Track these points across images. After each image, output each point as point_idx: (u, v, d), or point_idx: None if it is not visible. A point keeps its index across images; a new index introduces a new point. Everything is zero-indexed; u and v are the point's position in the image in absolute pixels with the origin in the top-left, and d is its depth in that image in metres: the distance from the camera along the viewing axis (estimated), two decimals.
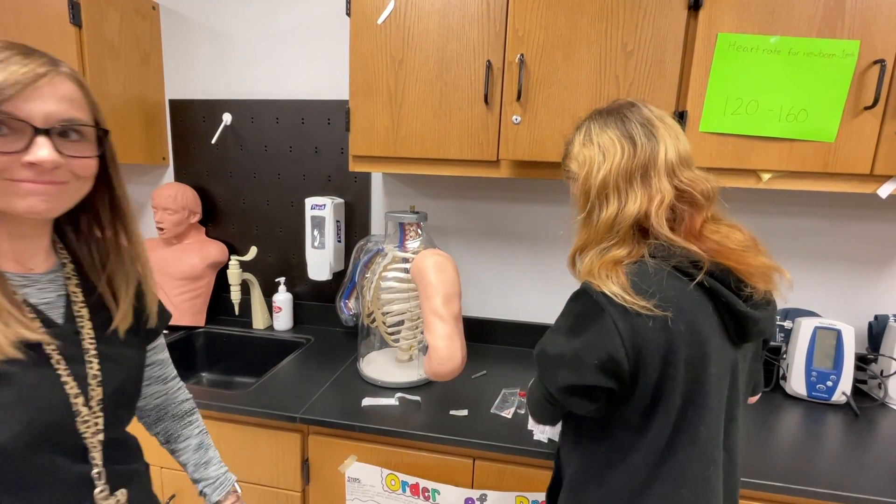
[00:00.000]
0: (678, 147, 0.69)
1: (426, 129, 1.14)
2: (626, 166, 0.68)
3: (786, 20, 0.96)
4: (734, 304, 0.63)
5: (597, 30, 1.02)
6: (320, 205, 1.45)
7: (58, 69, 0.52)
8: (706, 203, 0.68)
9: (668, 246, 0.64)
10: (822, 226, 1.31)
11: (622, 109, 0.72)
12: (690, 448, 0.65)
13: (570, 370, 0.66)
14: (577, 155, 0.74)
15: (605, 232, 0.68)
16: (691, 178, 0.68)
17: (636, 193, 0.67)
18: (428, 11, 1.09)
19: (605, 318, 0.62)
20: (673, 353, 0.62)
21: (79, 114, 0.53)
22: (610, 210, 0.68)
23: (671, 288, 0.62)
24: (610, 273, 0.64)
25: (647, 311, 0.60)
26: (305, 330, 1.59)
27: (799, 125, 0.99)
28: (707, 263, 0.62)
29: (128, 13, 1.43)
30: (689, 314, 0.62)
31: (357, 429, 1.04)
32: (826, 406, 1.20)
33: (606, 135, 0.71)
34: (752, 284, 0.64)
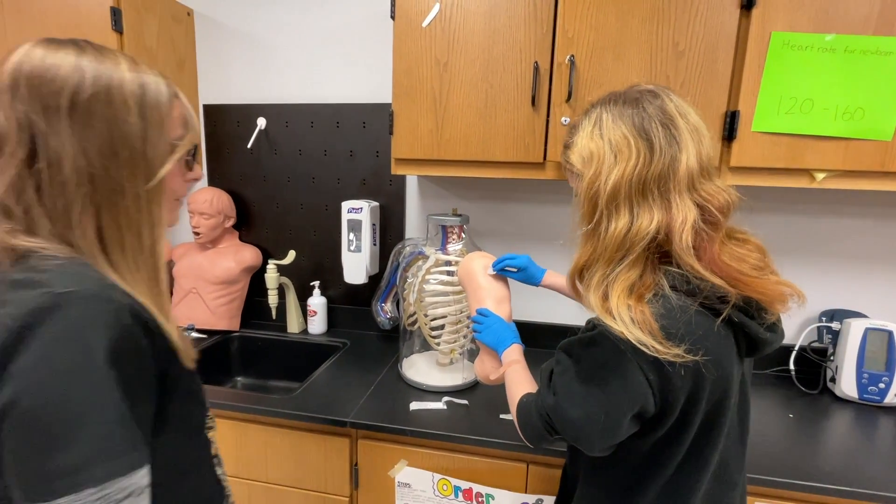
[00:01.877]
0: (700, 152, 0.61)
1: (471, 132, 1.14)
2: (641, 174, 0.60)
3: (841, 18, 0.95)
4: (757, 334, 0.62)
5: (647, 30, 1.01)
6: (357, 208, 1.45)
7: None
8: (723, 220, 0.61)
9: (690, 278, 0.59)
10: (867, 225, 1.30)
11: (641, 100, 0.63)
12: (701, 473, 0.65)
13: (604, 435, 0.61)
14: (581, 148, 0.65)
15: (615, 249, 0.60)
16: (710, 191, 0.61)
17: (652, 209, 0.59)
18: (473, 14, 1.09)
19: (633, 368, 0.57)
20: (697, 395, 0.60)
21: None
22: (620, 224, 0.60)
23: (699, 328, 0.58)
24: (634, 313, 0.57)
25: (678, 358, 0.55)
26: (340, 334, 1.58)
27: (855, 124, 0.98)
28: (734, 298, 0.58)
29: (165, 19, 1.44)
30: (715, 353, 0.59)
31: (408, 433, 1.03)
32: (878, 408, 1.18)
33: (620, 130, 0.61)
34: (770, 311, 0.62)
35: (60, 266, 0.46)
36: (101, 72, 0.49)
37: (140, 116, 0.51)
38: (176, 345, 0.53)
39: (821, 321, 1.31)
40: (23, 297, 0.43)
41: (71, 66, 0.48)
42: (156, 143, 0.53)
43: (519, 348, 0.86)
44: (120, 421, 0.44)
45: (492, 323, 0.91)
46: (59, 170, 0.48)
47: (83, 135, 0.48)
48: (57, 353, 0.42)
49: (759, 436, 1.04)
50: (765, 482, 0.90)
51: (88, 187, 0.49)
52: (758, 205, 1.34)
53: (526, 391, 0.76)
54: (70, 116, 0.48)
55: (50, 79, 0.48)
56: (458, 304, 1.19)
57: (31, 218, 0.48)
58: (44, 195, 0.48)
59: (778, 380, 1.32)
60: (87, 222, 0.49)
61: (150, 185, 0.52)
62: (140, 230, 0.52)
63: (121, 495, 0.42)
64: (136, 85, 0.51)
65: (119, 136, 0.50)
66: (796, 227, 1.33)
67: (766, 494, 0.93)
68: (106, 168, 0.49)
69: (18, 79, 0.48)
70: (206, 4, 1.55)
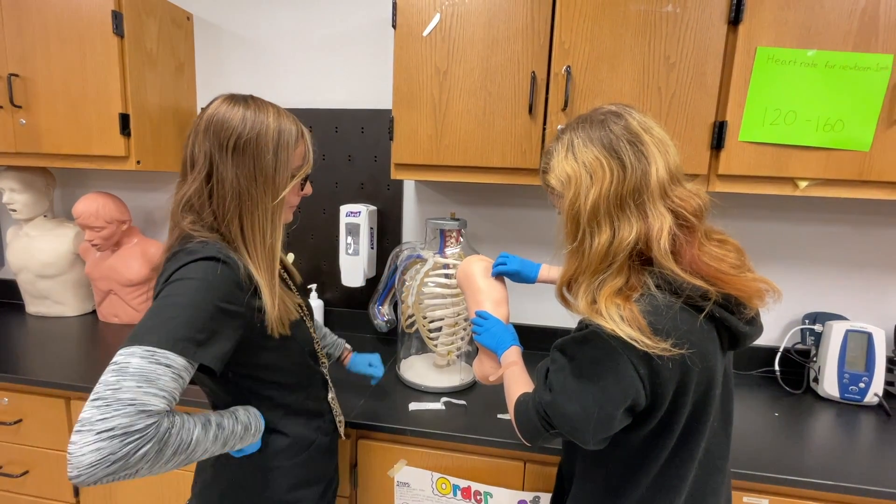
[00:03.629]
0: (668, 162, 0.65)
1: (469, 138, 1.17)
2: (617, 190, 0.64)
3: (822, 35, 1.01)
4: (737, 328, 0.65)
5: (640, 43, 1.05)
6: (355, 212, 1.47)
7: None
8: (698, 223, 0.66)
9: (672, 279, 0.63)
10: (848, 231, 1.35)
11: (607, 121, 0.67)
12: (689, 463, 0.69)
13: (599, 427, 0.64)
14: (559, 172, 0.69)
15: (599, 262, 0.65)
16: (682, 195, 0.65)
17: (630, 220, 0.64)
18: (473, 24, 1.12)
19: (624, 363, 0.61)
20: (685, 386, 0.64)
21: None
22: (603, 238, 0.64)
23: (684, 323, 0.62)
24: (623, 311, 0.60)
25: (665, 352, 0.59)
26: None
27: (835, 135, 1.03)
28: (715, 295, 0.62)
29: (165, 23, 1.45)
30: (700, 346, 0.63)
31: (407, 433, 1.05)
32: (858, 407, 1.23)
33: (591, 152, 0.66)
34: (749, 306, 0.66)
35: (206, 246, 0.70)
36: (256, 122, 0.72)
37: (274, 154, 0.73)
38: (269, 312, 0.72)
39: (804, 324, 1.36)
40: (182, 258, 0.68)
41: (239, 118, 0.72)
42: (282, 173, 0.75)
43: (517, 350, 0.89)
44: (196, 325, 0.62)
45: (491, 325, 0.93)
46: (222, 187, 0.72)
47: (238, 165, 0.72)
48: (188, 276, 0.65)
49: (747, 434, 1.08)
50: (753, 477, 0.94)
51: (237, 201, 0.72)
52: (743, 212, 1.39)
53: (523, 391, 0.79)
54: (233, 153, 0.71)
55: (225, 126, 0.71)
56: (456, 306, 1.22)
57: (203, 215, 0.73)
58: (213, 202, 0.73)
59: (763, 380, 1.36)
60: (233, 223, 0.73)
61: (275, 203, 0.75)
62: (265, 232, 0.74)
63: (163, 360, 0.59)
64: (276, 132, 0.74)
65: (259, 167, 0.73)
66: (780, 234, 1.39)
67: (754, 489, 0.97)
68: (248, 189, 0.72)
69: (210, 124, 0.72)
70: (205, 9, 1.56)
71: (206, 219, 0.73)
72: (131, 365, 0.57)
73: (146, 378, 0.57)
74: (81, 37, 1.31)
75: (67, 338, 1.49)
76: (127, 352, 0.58)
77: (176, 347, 0.59)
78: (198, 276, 0.65)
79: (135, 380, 0.56)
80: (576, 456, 0.79)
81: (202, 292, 0.64)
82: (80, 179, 1.77)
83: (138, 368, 0.57)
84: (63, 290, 1.66)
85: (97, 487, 1.25)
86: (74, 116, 1.35)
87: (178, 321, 0.61)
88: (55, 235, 1.63)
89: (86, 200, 1.49)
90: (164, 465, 0.59)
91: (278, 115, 0.75)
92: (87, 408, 0.54)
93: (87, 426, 0.53)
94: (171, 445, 0.58)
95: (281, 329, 0.75)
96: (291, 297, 0.82)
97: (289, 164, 0.75)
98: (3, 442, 1.28)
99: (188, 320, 0.62)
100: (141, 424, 0.55)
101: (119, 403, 0.54)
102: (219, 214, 0.72)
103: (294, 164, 0.77)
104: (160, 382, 0.57)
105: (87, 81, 1.33)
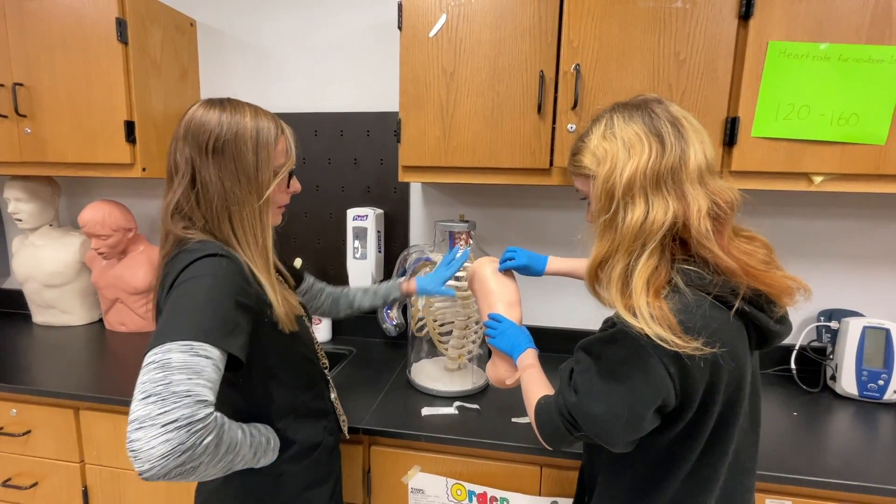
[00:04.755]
0: (706, 151, 0.65)
1: (478, 139, 1.16)
2: (655, 167, 0.62)
3: (834, 28, 0.99)
4: (767, 326, 0.64)
5: (650, 39, 1.04)
6: (362, 215, 1.46)
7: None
8: (731, 214, 0.65)
9: (703, 273, 0.61)
10: (862, 226, 1.34)
11: (649, 104, 0.67)
12: (720, 465, 0.67)
13: (628, 429, 0.62)
14: (594, 148, 0.67)
15: (632, 239, 0.62)
16: (717, 187, 0.64)
17: (666, 200, 0.62)
18: (479, 24, 1.11)
19: (654, 362, 0.59)
20: (715, 386, 0.62)
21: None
22: (637, 213, 0.62)
23: (714, 321, 0.60)
24: (653, 310, 0.58)
25: (696, 351, 0.57)
26: (345, 341, 1.58)
27: (850, 129, 1.02)
28: (745, 290, 0.61)
29: (168, 29, 1.45)
30: (730, 344, 0.61)
31: (423, 438, 1.03)
32: (877, 405, 1.21)
33: (631, 129, 0.65)
34: (778, 303, 0.65)
35: (205, 244, 0.70)
36: (232, 122, 0.73)
37: (254, 153, 0.73)
38: (275, 307, 0.73)
39: (819, 321, 1.34)
40: (185, 257, 0.68)
41: (216, 120, 0.72)
42: (265, 171, 0.75)
43: (534, 353, 0.88)
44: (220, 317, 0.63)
45: (505, 328, 0.92)
46: (207, 190, 0.72)
47: (220, 167, 0.72)
48: (198, 273, 0.65)
49: (767, 434, 1.05)
50: (776, 479, 0.92)
51: (224, 202, 0.73)
52: (755, 208, 1.37)
53: (543, 394, 0.77)
54: (213, 155, 0.72)
55: (203, 130, 0.72)
56: (466, 308, 1.20)
57: (194, 219, 0.74)
58: (200, 205, 0.73)
59: (780, 379, 1.34)
60: (224, 224, 0.73)
61: (261, 202, 0.75)
62: (255, 232, 0.75)
63: (202, 352, 0.59)
64: (254, 131, 0.73)
65: (241, 167, 0.73)
66: (793, 229, 1.37)
67: (777, 491, 0.95)
68: (233, 189, 0.73)
69: (188, 130, 0.73)
70: (209, 15, 1.56)
71: (198, 222, 0.73)
72: (173, 360, 0.57)
73: (193, 370, 0.57)
74: (86, 45, 1.30)
75: (75, 347, 1.48)
76: (162, 349, 0.58)
77: (210, 338, 0.60)
78: (207, 271, 0.66)
79: (183, 373, 0.56)
80: (600, 459, 0.77)
81: (217, 287, 0.65)
82: (85, 188, 1.76)
83: (182, 362, 0.57)
84: (70, 299, 1.65)
85: (106, 501, 1.24)
86: (79, 124, 1.35)
87: (203, 315, 0.62)
88: (61, 244, 1.62)
89: (91, 209, 1.48)
90: (217, 464, 0.59)
91: (255, 115, 0.75)
92: (140, 406, 0.54)
93: (149, 421, 0.53)
94: (225, 441, 0.59)
95: (290, 325, 0.76)
96: (292, 294, 0.84)
97: (270, 162, 0.75)
98: (11, 454, 1.27)
99: (212, 313, 0.62)
100: (202, 414, 0.55)
101: (176, 396, 0.54)
102: (209, 217, 0.73)
103: (276, 161, 0.77)
104: (206, 374, 0.58)
105: (91, 89, 1.32)
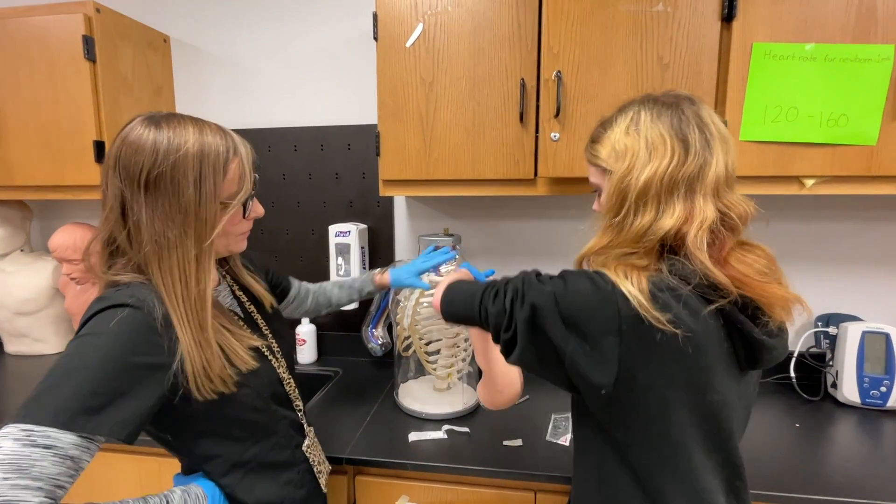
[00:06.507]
0: (727, 161, 0.63)
1: (459, 150, 1.12)
2: (673, 174, 0.61)
3: (819, 27, 0.97)
4: (751, 332, 0.59)
5: (632, 44, 1.01)
6: (345, 231, 1.41)
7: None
8: (740, 227, 0.63)
9: (687, 264, 0.60)
10: (856, 228, 1.31)
11: (680, 103, 0.64)
12: (673, 480, 0.61)
13: (561, 315, 0.59)
14: (615, 142, 0.65)
15: (633, 242, 0.62)
16: (732, 201, 0.63)
17: (674, 208, 0.61)
18: (457, 33, 1.08)
19: (613, 302, 0.57)
20: (674, 375, 0.58)
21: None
22: (645, 220, 0.61)
23: (687, 307, 0.58)
24: (630, 273, 0.59)
25: (658, 323, 0.55)
26: (331, 362, 1.53)
27: (840, 130, 0.99)
28: (734, 295, 0.58)
29: (140, 46, 1.41)
30: (697, 337, 0.57)
31: (409, 467, 0.98)
32: (881, 412, 1.17)
33: (657, 129, 0.62)
34: (770, 315, 0.60)
35: (122, 290, 0.61)
36: (170, 149, 0.61)
37: (196, 187, 0.62)
38: (190, 372, 0.61)
39: (817, 326, 1.30)
40: (95, 305, 0.59)
41: (150, 147, 0.61)
42: (208, 207, 0.63)
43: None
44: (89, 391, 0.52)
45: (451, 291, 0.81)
46: (138, 230, 0.62)
47: (153, 205, 0.61)
48: (93, 330, 0.56)
49: (770, 448, 1.02)
50: (782, 499, 0.88)
51: (155, 245, 0.62)
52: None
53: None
54: (145, 190, 0.61)
55: (134, 160, 0.61)
56: (454, 326, 1.15)
57: (127, 257, 0.64)
58: (132, 244, 0.63)
59: (779, 387, 1.30)
60: (154, 269, 0.62)
61: (203, 247, 0.64)
62: (188, 280, 0.63)
63: (41, 440, 0.49)
64: (196, 159, 0.62)
65: (177, 205, 0.62)
66: (785, 233, 1.34)
67: None
68: (164, 231, 0.62)
69: (118, 159, 0.62)
70: (183, 31, 1.52)
71: (128, 262, 0.64)
72: (1, 450, 0.47)
73: (16, 466, 0.47)
74: (52, 64, 1.26)
75: None
76: (1, 433, 0.49)
77: (58, 421, 0.49)
78: (102, 328, 0.56)
79: (1, 470, 0.46)
80: (577, 466, 0.73)
81: (106, 349, 0.55)
82: (57, 211, 1.70)
83: (7, 455, 0.47)
84: (43, 326, 1.58)
85: None
86: (47, 146, 1.30)
87: (66, 388, 0.51)
88: (33, 270, 1.56)
89: (62, 233, 1.42)
90: None
91: (199, 135, 0.63)
92: None
93: None
94: None
95: (220, 387, 0.63)
96: (246, 340, 0.70)
97: (217, 194, 0.64)
98: None
99: (78, 385, 0.52)
100: None
101: None
102: (140, 258, 0.63)
103: (227, 191, 0.65)
104: (34, 471, 0.47)
105: (59, 110, 1.27)
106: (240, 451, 0.70)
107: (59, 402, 0.50)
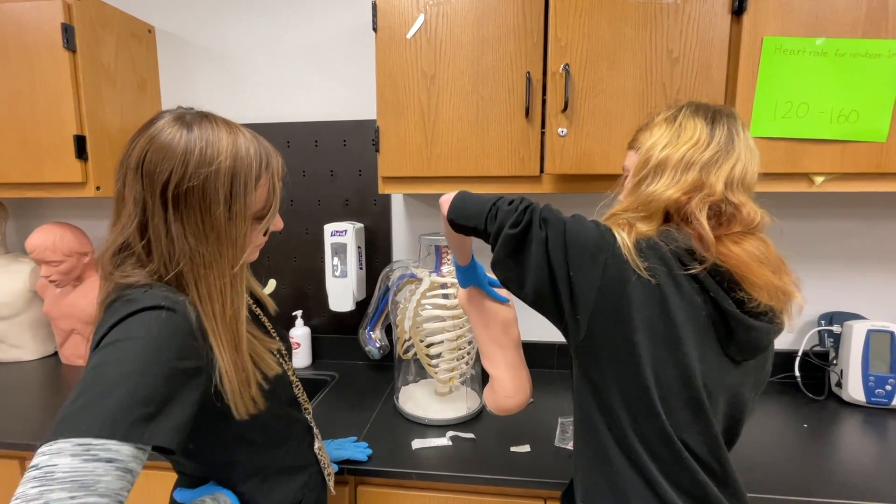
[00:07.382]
0: (747, 168, 0.68)
1: (463, 146, 1.08)
2: (692, 156, 0.67)
3: (830, 22, 0.95)
4: (722, 301, 0.62)
5: (641, 37, 0.98)
6: (341, 231, 1.36)
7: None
8: (742, 227, 0.65)
9: (676, 234, 0.65)
10: (862, 226, 1.30)
11: (721, 110, 0.71)
12: (646, 427, 0.63)
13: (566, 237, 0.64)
14: (654, 126, 0.73)
15: (641, 206, 0.69)
16: (742, 200, 0.66)
17: (684, 182, 0.66)
18: (460, 24, 1.04)
19: (609, 238, 0.65)
20: (645, 319, 0.61)
21: None
22: (655, 187, 0.68)
23: (663, 264, 0.63)
24: (627, 229, 0.66)
25: (636, 268, 0.62)
26: (326, 366, 1.48)
27: (850, 126, 0.98)
28: (710, 260, 0.61)
29: (123, 37, 1.34)
30: (668, 290, 0.62)
31: (413, 476, 0.94)
32: (887, 411, 1.16)
33: (691, 121, 0.70)
34: (751, 293, 0.62)
35: (148, 292, 0.56)
36: (202, 161, 0.56)
37: (226, 206, 0.58)
38: (230, 393, 0.59)
39: (820, 324, 1.30)
40: (120, 309, 0.54)
41: (179, 155, 0.56)
42: (239, 225, 0.60)
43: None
44: (141, 397, 0.49)
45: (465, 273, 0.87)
46: (160, 243, 0.57)
47: (180, 220, 0.57)
48: (128, 335, 0.52)
49: (780, 450, 1.00)
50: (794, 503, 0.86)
51: (188, 262, 0.58)
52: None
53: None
54: (173, 204, 0.56)
55: (161, 169, 0.55)
56: (458, 329, 1.12)
57: (136, 257, 0.58)
58: (152, 256, 0.58)
59: (784, 387, 1.29)
60: (191, 286, 0.58)
61: (234, 269, 0.60)
62: (224, 300, 0.60)
63: (103, 454, 0.45)
64: (228, 174, 0.58)
65: (209, 222, 0.58)
66: (790, 230, 1.33)
67: None
68: (197, 248, 0.58)
69: (140, 162, 0.56)
70: (169, 21, 1.45)
71: (147, 266, 0.59)
72: (59, 468, 0.43)
73: (80, 484, 0.43)
74: (28, 53, 1.18)
75: (26, 386, 1.33)
76: (52, 449, 0.44)
77: (118, 431, 0.46)
78: (140, 333, 0.52)
79: (65, 488, 0.42)
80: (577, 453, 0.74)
81: (149, 353, 0.51)
82: (35, 210, 1.62)
83: (69, 472, 0.43)
84: (20, 332, 1.50)
85: None
86: (23, 141, 1.22)
87: (117, 397, 0.47)
88: (9, 272, 1.48)
89: (40, 233, 1.35)
90: None
91: (233, 147, 0.58)
92: None
93: None
94: None
95: (253, 405, 0.62)
96: (268, 345, 0.68)
97: (247, 212, 0.60)
98: None
99: (130, 393, 0.48)
100: None
101: None
102: (167, 268, 0.58)
103: (254, 207, 0.62)
104: (100, 487, 0.44)
105: (36, 102, 1.20)
106: (260, 456, 0.69)
107: (115, 413, 0.47)
